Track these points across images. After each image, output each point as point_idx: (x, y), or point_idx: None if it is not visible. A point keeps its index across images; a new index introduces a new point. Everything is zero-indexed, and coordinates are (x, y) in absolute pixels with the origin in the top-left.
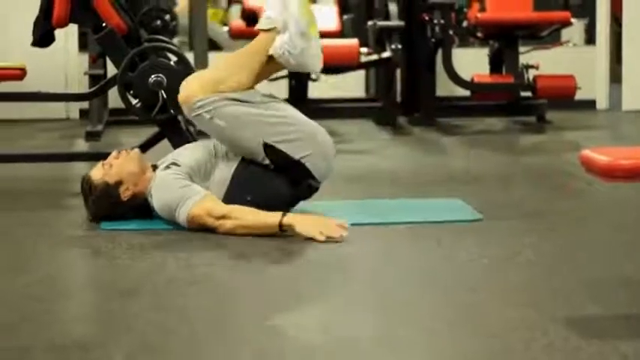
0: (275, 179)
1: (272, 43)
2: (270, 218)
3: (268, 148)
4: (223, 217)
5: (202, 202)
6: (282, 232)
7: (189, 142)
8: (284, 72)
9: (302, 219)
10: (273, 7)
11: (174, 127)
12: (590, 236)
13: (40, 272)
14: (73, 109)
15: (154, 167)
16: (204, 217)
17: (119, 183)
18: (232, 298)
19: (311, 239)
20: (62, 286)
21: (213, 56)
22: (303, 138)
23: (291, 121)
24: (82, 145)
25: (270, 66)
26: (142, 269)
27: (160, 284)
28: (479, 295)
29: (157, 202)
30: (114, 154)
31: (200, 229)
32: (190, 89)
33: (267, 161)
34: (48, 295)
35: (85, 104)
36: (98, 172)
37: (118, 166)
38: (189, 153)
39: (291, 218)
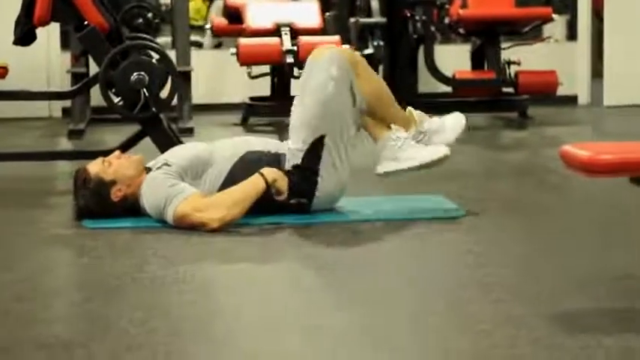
0: None
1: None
2: (254, 181)
3: (319, 142)
4: (210, 206)
5: (188, 199)
6: (269, 188)
7: (171, 140)
8: (266, 69)
9: (278, 174)
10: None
11: (156, 126)
12: (573, 231)
13: (22, 271)
14: (56, 107)
15: (148, 170)
16: (191, 214)
17: (113, 182)
18: (216, 296)
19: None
20: (45, 285)
21: (195, 54)
22: (342, 175)
23: (347, 165)
24: (64, 144)
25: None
26: (125, 268)
27: (143, 283)
28: (463, 291)
29: (146, 202)
30: (116, 153)
31: (188, 228)
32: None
33: (300, 146)
34: (31, 294)
35: (68, 103)
36: (96, 167)
37: (117, 165)
38: (184, 152)
39: (271, 173)
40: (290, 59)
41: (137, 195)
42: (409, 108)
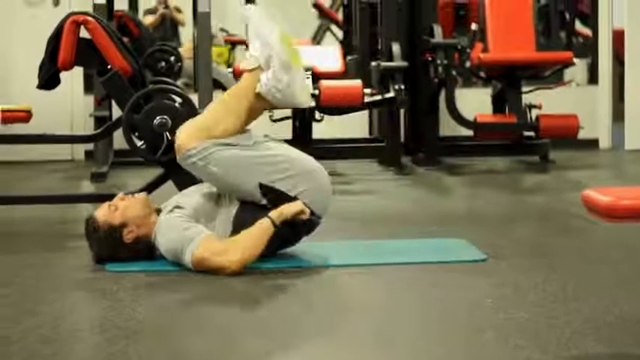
0: None
1: (257, 82)
2: (263, 225)
3: (264, 188)
4: (228, 249)
5: (204, 243)
6: (277, 227)
7: (193, 183)
8: (288, 112)
9: (281, 208)
10: (255, 45)
11: (178, 169)
12: (594, 276)
13: (45, 314)
14: (79, 150)
15: (158, 211)
16: (209, 258)
17: (123, 225)
18: (235, 340)
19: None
20: (68, 328)
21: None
22: (299, 174)
23: (285, 158)
24: (87, 187)
25: (259, 105)
26: (147, 311)
27: (164, 326)
28: (483, 335)
29: (162, 245)
30: (120, 195)
31: (207, 272)
32: (180, 139)
33: (264, 201)
34: (54, 337)
35: (91, 146)
36: (102, 213)
37: (123, 208)
38: (192, 196)
39: (276, 212)
40: (311, 103)
41: (150, 235)
42: (241, 67)
